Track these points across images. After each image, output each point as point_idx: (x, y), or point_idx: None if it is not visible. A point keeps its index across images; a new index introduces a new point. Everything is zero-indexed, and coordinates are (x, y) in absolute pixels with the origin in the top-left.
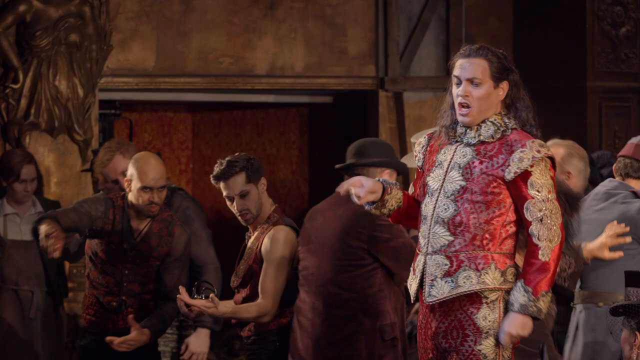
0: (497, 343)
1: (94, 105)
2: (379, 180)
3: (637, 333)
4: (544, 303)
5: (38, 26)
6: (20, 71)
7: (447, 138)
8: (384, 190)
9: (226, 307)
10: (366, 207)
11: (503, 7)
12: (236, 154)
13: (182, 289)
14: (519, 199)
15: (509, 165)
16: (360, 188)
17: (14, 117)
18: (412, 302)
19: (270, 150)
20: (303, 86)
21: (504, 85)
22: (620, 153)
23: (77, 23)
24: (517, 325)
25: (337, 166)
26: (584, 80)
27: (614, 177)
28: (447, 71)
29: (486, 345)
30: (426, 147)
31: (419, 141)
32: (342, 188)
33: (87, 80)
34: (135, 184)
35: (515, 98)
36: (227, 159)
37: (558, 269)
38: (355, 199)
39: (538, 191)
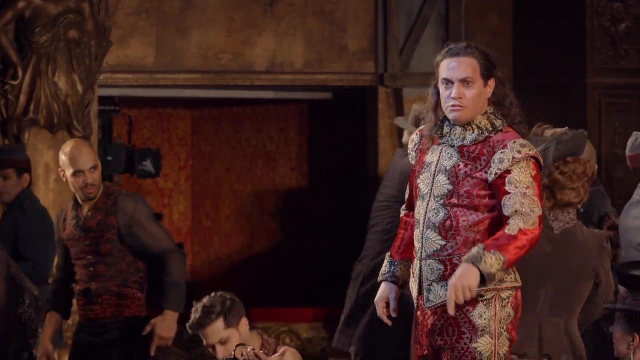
0: (493, 341)
1: (93, 102)
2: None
3: (636, 334)
4: (492, 260)
5: (37, 22)
6: (20, 67)
7: (431, 141)
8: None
9: None
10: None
11: (503, 3)
12: (212, 295)
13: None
14: (499, 198)
15: (490, 166)
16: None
17: (13, 114)
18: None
19: (270, 146)
20: (302, 82)
21: (491, 83)
22: None
23: (77, 19)
24: (461, 274)
25: None
26: (584, 76)
27: None
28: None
29: (482, 343)
30: (418, 145)
31: (411, 138)
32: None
33: (86, 77)
34: (68, 172)
35: (502, 95)
36: (202, 303)
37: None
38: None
39: (515, 187)
